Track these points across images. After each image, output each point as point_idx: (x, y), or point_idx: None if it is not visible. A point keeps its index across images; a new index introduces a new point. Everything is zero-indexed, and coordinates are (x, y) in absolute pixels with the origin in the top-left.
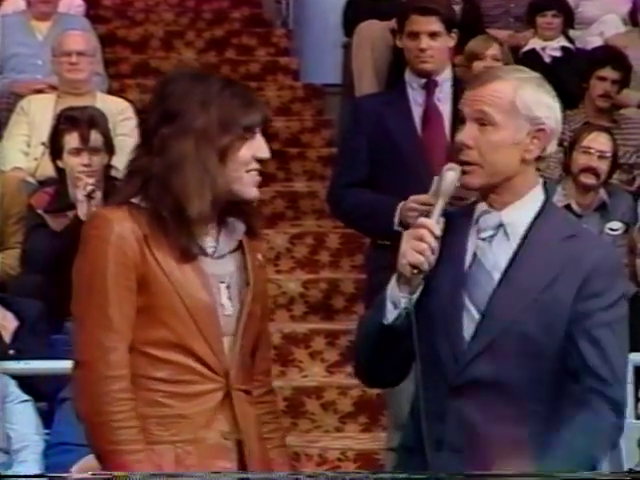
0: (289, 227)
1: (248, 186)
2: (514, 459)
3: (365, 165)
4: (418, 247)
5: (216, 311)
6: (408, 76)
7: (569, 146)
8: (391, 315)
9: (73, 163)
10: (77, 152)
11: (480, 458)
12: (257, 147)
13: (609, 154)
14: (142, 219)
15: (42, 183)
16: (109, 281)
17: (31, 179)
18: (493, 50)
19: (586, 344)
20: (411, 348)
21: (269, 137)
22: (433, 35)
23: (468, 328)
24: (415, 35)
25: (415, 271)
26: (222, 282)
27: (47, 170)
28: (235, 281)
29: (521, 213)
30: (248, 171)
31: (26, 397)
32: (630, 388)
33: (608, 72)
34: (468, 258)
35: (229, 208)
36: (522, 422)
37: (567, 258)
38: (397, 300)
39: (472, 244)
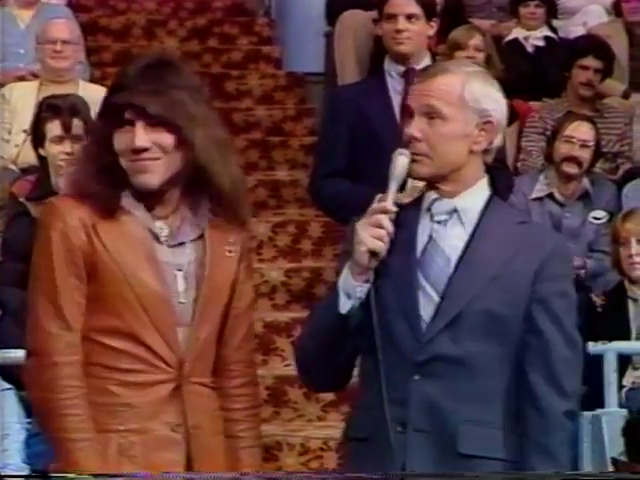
0: (271, 216)
1: (138, 175)
2: (479, 437)
3: (345, 155)
4: (377, 234)
5: (169, 300)
6: (387, 64)
7: (551, 135)
8: (345, 306)
9: (55, 151)
10: (59, 140)
11: (445, 437)
12: (131, 137)
13: (591, 143)
14: (93, 207)
15: (24, 171)
16: (57, 269)
17: (13, 166)
18: (476, 40)
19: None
20: (359, 346)
21: (251, 125)
22: (410, 17)
23: (427, 308)
24: (393, 17)
25: (373, 258)
26: (179, 270)
27: (29, 157)
28: (193, 270)
29: (472, 200)
30: (131, 160)
31: (7, 385)
32: (614, 377)
33: (590, 61)
34: (420, 242)
35: (196, 194)
36: (487, 399)
37: (524, 239)
38: (352, 290)
39: (423, 229)
